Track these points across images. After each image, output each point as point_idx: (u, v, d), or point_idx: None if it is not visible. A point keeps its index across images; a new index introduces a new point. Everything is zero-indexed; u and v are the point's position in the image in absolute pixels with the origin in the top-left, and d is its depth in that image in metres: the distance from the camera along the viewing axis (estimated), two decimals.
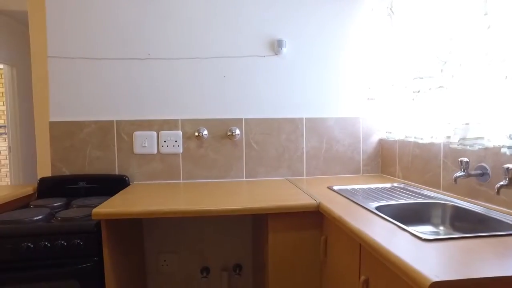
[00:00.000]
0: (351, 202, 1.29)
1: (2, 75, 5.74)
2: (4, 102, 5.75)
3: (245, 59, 1.87)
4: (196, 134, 1.81)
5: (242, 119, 1.87)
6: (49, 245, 1.24)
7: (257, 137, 1.89)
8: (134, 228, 1.67)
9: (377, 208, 1.22)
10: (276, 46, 1.87)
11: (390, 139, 1.88)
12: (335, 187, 1.60)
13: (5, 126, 5.72)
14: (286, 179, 1.89)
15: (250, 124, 1.88)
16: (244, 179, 1.88)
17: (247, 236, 1.90)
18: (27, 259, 1.24)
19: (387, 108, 1.87)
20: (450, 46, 1.30)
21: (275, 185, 1.68)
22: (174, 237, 1.86)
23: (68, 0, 1.75)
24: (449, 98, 1.32)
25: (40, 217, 1.35)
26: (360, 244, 1.00)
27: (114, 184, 1.74)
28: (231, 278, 1.90)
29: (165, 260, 1.85)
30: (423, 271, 0.68)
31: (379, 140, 2.00)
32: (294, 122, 1.92)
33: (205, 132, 1.82)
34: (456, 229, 1.20)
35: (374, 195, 1.44)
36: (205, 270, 1.87)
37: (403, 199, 1.34)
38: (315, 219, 1.34)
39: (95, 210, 1.21)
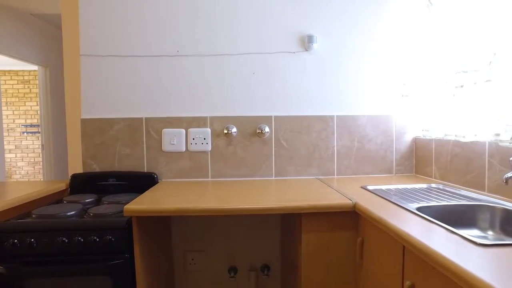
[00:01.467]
0: (389, 203, 1.22)
1: (36, 77, 5.97)
2: (38, 102, 5.98)
3: (274, 56, 1.83)
4: (225, 131, 1.79)
5: (271, 116, 1.83)
6: (82, 240, 1.25)
7: (286, 135, 1.84)
8: (162, 226, 1.66)
9: (418, 209, 1.15)
10: (306, 42, 1.82)
11: (426, 137, 1.79)
12: (369, 187, 1.53)
13: (38, 125, 5.95)
14: (317, 178, 1.83)
15: (280, 121, 1.83)
16: (273, 177, 1.84)
17: (275, 236, 1.86)
18: (61, 253, 1.25)
19: (423, 105, 1.78)
20: (500, 36, 1.21)
21: (306, 184, 1.63)
22: (201, 235, 1.84)
23: (100, 0, 1.77)
24: (498, 93, 1.23)
25: (73, 212, 1.36)
26: (404, 247, 0.94)
27: (143, 181, 1.74)
28: (259, 278, 1.87)
29: (192, 259, 1.84)
30: (490, 282, 0.61)
31: (413, 138, 1.91)
32: (324, 120, 1.86)
33: (234, 129, 1.80)
34: (507, 234, 1.11)
35: (411, 195, 1.36)
36: (233, 269, 1.84)
37: (444, 200, 1.26)
38: (350, 219, 1.28)
39: (126, 207, 1.20)
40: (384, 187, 1.55)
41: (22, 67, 5.82)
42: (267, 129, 1.81)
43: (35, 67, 5.60)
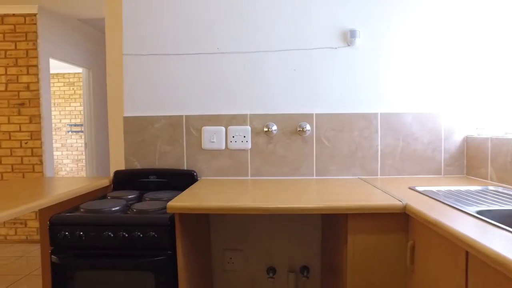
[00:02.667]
0: (444, 205, 1.14)
1: (80, 79, 6.28)
2: (81, 103, 6.28)
3: (316, 52, 1.78)
4: (265, 129, 1.76)
5: (312, 114, 1.78)
6: (126, 235, 1.26)
7: (328, 133, 1.78)
8: (202, 224, 1.66)
9: (479, 212, 1.05)
10: (349, 37, 1.76)
11: (480, 136, 1.66)
12: (418, 188, 1.44)
13: (81, 125, 6.25)
14: (359, 178, 1.76)
15: (321, 119, 1.78)
16: (314, 177, 1.79)
17: (315, 237, 1.81)
18: (107, 247, 1.28)
19: (475, 102, 1.66)
20: None
21: (349, 184, 1.57)
22: (240, 235, 1.83)
23: (142, 2, 1.80)
24: None
25: (117, 208, 1.39)
26: (467, 254, 0.86)
27: (183, 179, 1.75)
28: (298, 280, 1.82)
29: (231, 258, 1.83)
30: None
31: (464, 137, 1.78)
32: (367, 118, 1.78)
33: (274, 127, 1.76)
34: None
35: (467, 198, 1.26)
36: (271, 270, 1.81)
37: (508, 204, 1.15)
38: (399, 221, 1.21)
39: (170, 204, 1.21)
40: (434, 188, 1.46)
41: (68, 70, 6.14)
42: (308, 127, 1.76)
43: (79, 70, 5.89)
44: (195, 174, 1.75)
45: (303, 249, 1.81)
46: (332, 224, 1.50)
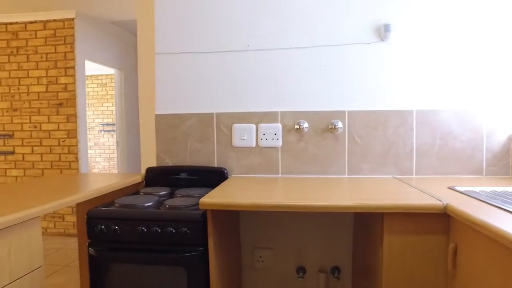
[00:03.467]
0: (490, 206, 1.07)
1: (112, 80, 6.50)
2: (113, 103, 6.50)
3: (348, 47, 1.73)
4: (296, 127, 1.73)
5: (344, 111, 1.74)
6: (159, 230, 1.28)
7: (360, 130, 1.73)
8: (232, 221, 1.66)
9: None
10: (383, 31, 1.70)
11: None
12: (459, 188, 1.37)
13: (113, 124, 6.46)
14: (393, 177, 1.70)
15: (354, 116, 1.73)
16: (346, 175, 1.75)
17: (346, 237, 1.76)
18: (141, 242, 1.30)
19: None
20: None
21: (383, 183, 1.51)
22: (270, 233, 1.81)
23: (174, 2, 1.83)
24: None
25: (150, 203, 1.41)
26: None
27: (213, 176, 1.76)
28: (328, 281, 1.78)
29: (260, 256, 1.82)
30: None
31: (509, 136, 1.68)
32: (402, 115, 1.71)
33: (306, 125, 1.74)
34: None
35: None
36: (301, 269, 1.78)
37: None
38: (440, 222, 1.15)
39: (202, 200, 1.21)
40: (476, 188, 1.38)
41: (101, 72, 6.37)
42: (340, 125, 1.72)
43: (112, 71, 6.09)
44: (225, 171, 1.75)
45: (334, 249, 1.77)
46: (366, 224, 1.45)
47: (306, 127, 1.74)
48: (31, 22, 3.66)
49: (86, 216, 1.35)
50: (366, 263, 1.44)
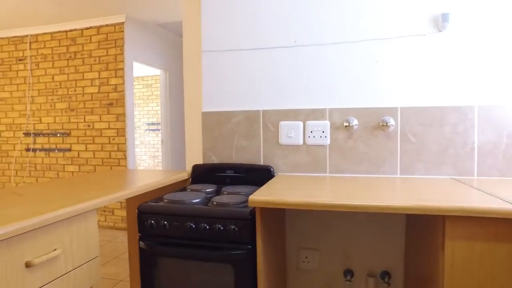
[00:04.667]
0: None
1: (157, 81, 6.74)
2: (158, 103, 6.74)
3: (401, 40, 1.64)
4: (345, 124, 1.67)
5: (397, 108, 1.64)
6: (207, 227, 1.28)
7: (414, 128, 1.63)
8: (278, 220, 1.64)
9: None
10: (440, 21, 1.59)
11: None
12: None
13: (158, 123, 6.70)
14: (452, 178, 1.58)
15: (407, 113, 1.63)
16: (398, 175, 1.65)
17: (398, 240, 1.67)
18: (189, 238, 1.31)
19: None
20: None
21: (441, 184, 1.41)
22: (316, 233, 1.76)
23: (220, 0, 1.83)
24: None
25: (198, 200, 1.42)
26: None
27: (259, 174, 1.74)
28: (378, 286, 1.70)
29: (306, 257, 1.77)
30: None
31: None
32: (461, 111, 1.59)
33: (355, 122, 1.67)
34: None
35: None
36: (349, 273, 1.71)
37: None
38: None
39: (252, 197, 1.19)
40: None
41: (147, 73, 6.63)
42: (392, 122, 1.63)
43: (157, 71, 6.32)
44: (271, 169, 1.73)
45: (384, 252, 1.69)
46: (421, 227, 1.36)
47: (356, 125, 1.67)
48: (86, 28, 3.88)
49: (137, 210, 1.39)
50: (421, 270, 1.35)
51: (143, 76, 6.77)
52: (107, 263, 2.90)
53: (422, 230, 1.35)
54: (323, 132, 1.71)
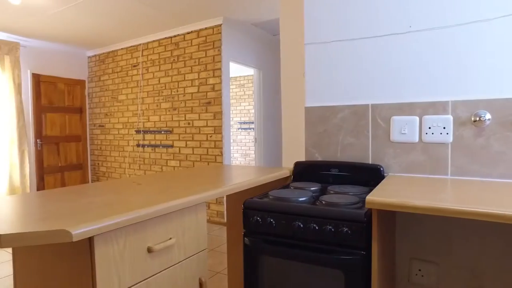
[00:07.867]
0: None
1: (249, 81, 6.93)
2: (250, 103, 6.92)
3: None
4: (473, 119, 1.42)
5: None
6: (317, 228, 1.21)
7: None
8: (389, 226, 1.47)
9: None
10: None
11: None
12: None
13: (249, 122, 6.89)
14: None
15: None
16: None
17: None
18: (295, 238, 1.25)
19: None
20: None
21: None
22: (432, 244, 1.54)
23: None
24: None
25: (304, 198, 1.36)
26: None
27: (367, 173, 1.60)
28: None
29: (420, 270, 1.57)
30: None
31: None
32: None
33: (487, 116, 1.41)
34: None
35: None
36: None
37: None
38: None
39: (369, 198, 1.08)
40: None
41: (239, 73, 6.86)
42: None
43: (250, 72, 6.50)
44: (381, 169, 1.57)
45: None
46: None
47: (488, 119, 1.41)
48: (188, 33, 4.17)
49: (242, 206, 1.38)
50: None
51: (236, 76, 7.02)
52: None
53: None
54: (444, 128, 1.48)
